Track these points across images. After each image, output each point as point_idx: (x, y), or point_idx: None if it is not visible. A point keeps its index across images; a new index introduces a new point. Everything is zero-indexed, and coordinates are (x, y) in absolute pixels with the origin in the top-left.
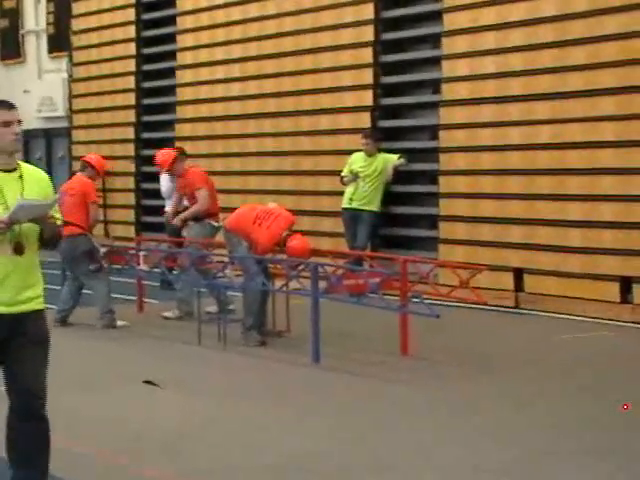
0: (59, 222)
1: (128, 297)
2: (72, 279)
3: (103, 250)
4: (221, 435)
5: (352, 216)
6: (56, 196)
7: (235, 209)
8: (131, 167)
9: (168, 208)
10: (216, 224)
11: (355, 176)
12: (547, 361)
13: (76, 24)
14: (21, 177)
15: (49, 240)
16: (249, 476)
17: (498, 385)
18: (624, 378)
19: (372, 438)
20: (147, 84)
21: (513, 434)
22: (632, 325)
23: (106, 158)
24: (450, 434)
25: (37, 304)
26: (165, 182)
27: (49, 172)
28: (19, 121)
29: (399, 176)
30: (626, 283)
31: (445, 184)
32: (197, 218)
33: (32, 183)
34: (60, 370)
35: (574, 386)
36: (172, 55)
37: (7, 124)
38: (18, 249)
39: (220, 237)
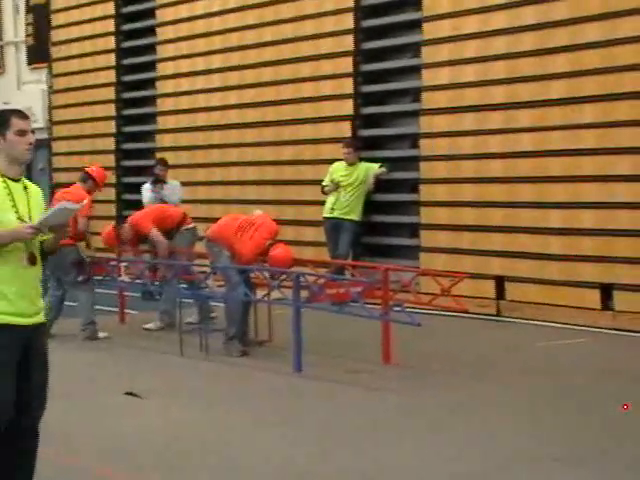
0: (68, 233)
1: (110, 308)
2: (54, 289)
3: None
4: (203, 444)
5: (334, 225)
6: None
7: (217, 219)
8: (112, 178)
9: None
10: (190, 226)
11: (336, 185)
12: (528, 368)
13: (56, 35)
14: (26, 188)
15: (51, 251)
16: None
17: (480, 392)
18: (603, 384)
19: (353, 447)
20: (127, 95)
21: (495, 441)
22: (613, 332)
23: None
24: (431, 442)
25: (43, 316)
26: (147, 192)
27: None
28: (32, 131)
29: (380, 185)
30: (606, 290)
31: (426, 192)
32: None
33: (34, 195)
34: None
35: (556, 392)
36: (152, 65)
37: (22, 133)
38: (32, 259)
39: (201, 247)
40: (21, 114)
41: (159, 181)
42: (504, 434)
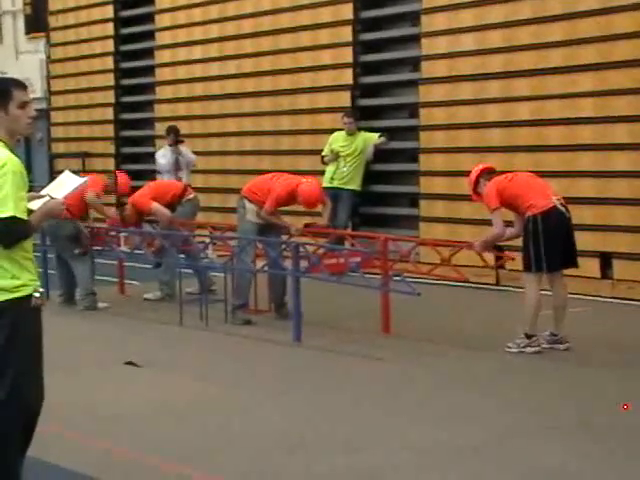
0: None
1: (110, 279)
2: (59, 265)
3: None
4: (201, 415)
5: (333, 195)
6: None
7: (214, 189)
8: (111, 148)
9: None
10: (191, 196)
11: (336, 155)
12: None
13: (53, 5)
14: None
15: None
16: (227, 456)
17: (479, 363)
18: (602, 354)
19: (349, 417)
20: (126, 64)
21: (493, 411)
22: (612, 300)
23: (85, 140)
24: (427, 413)
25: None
26: (164, 156)
27: (28, 155)
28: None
29: (379, 155)
30: (606, 259)
31: (425, 162)
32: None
33: None
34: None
35: (556, 361)
36: (151, 35)
37: (24, 105)
38: None
39: (203, 217)
40: (21, 84)
41: (179, 141)
42: (502, 404)
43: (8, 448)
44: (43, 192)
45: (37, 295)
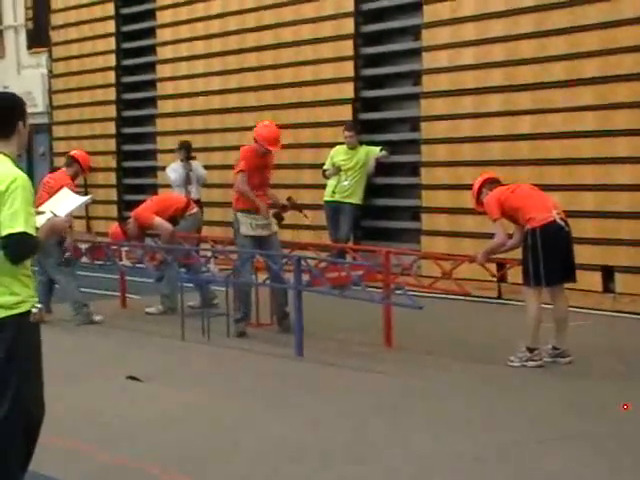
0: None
1: (111, 293)
2: (40, 274)
3: (85, 246)
4: (204, 427)
5: (334, 209)
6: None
7: (215, 203)
8: (112, 162)
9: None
10: (193, 211)
11: (337, 169)
12: None
13: (55, 19)
14: None
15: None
16: (228, 467)
17: (481, 376)
18: (603, 367)
19: (354, 429)
20: (127, 79)
21: (495, 423)
22: (613, 314)
23: (88, 154)
24: (429, 424)
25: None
26: (175, 171)
27: (30, 169)
28: None
29: (381, 168)
30: (607, 272)
31: (427, 175)
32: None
33: None
34: (44, 365)
35: (557, 375)
36: (152, 49)
37: (24, 122)
38: None
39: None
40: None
41: (191, 158)
42: (505, 416)
43: (9, 463)
44: (42, 208)
45: (35, 310)
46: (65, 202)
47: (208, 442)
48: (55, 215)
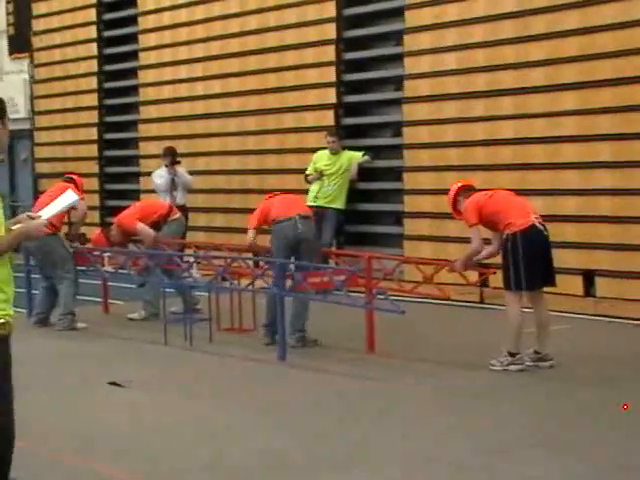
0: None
1: (93, 298)
2: (42, 281)
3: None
4: (188, 434)
5: (317, 214)
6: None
7: (200, 208)
8: (95, 168)
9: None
10: (176, 216)
11: (320, 174)
12: None
13: (37, 25)
14: None
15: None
16: (212, 474)
17: (464, 381)
18: (585, 371)
19: (338, 435)
20: (110, 84)
21: (477, 428)
22: (595, 318)
23: (70, 159)
24: (414, 430)
25: None
26: (161, 177)
27: (12, 175)
28: None
29: (364, 173)
30: (589, 276)
31: (410, 180)
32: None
33: None
34: (25, 369)
35: (539, 379)
36: (135, 55)
37: (3, 122)
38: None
39: (189, 237)
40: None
41: (176, 163)
42: (488, 421)
43: None
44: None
45: (2, 321)
46: (55, 203)
47: (190, 449)
48: (39, 217)
